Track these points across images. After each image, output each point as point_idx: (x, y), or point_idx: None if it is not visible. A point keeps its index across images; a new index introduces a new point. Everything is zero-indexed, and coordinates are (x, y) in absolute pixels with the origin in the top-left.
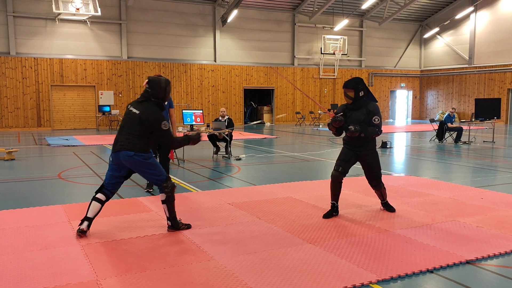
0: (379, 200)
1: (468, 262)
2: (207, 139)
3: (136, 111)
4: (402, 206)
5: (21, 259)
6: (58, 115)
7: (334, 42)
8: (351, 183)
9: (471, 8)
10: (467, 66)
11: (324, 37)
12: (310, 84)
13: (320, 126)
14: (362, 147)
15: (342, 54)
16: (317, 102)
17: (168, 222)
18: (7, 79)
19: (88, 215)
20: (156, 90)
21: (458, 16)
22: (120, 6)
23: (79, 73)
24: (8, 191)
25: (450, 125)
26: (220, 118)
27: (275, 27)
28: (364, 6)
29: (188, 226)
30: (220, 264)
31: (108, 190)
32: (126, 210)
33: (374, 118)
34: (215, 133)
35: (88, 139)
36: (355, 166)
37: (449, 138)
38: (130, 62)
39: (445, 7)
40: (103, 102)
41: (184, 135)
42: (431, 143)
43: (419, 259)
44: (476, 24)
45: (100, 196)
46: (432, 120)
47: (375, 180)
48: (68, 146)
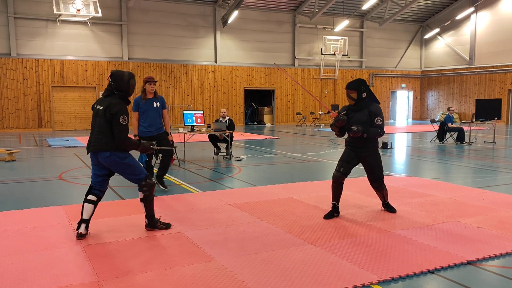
0: (379, 201)
1: (469, 263)
2: (207, 139)
3: (101, 107)
4: (403, 206)
5: (22, 260)
6: (59, 116)
7: (334, 43)
8: (352, 184)
9: (472, 9)
10: (467, 66)
11: (324, 38)
12: (311, 85)
13: (321, 126)
14: (364, 148)
15: (343, 55)
16: (319, 101)
17: (145, 221)
18: (8, 80)
19: (84, 217)
20: (119, 83)
21: (459, 17)
22: (121, 7)
23: (80, 74)
24: (9, 192)
25: (450, 125)
26: (220, 119)
27: (276, 28)
28: (365, 7)
29: (167, 226)
30: (221, 265)
31: (97, 190)
32: (127, 211)
33: (376, 119)
34: (216, 133)
35: None
36: (356, 167)
37: (449, 138)
38: (130, 63)
39: (445, 7)
40: None
41: (137, 140)
42: (431, 144)
43: (420, 259)
44: (477, 25)
45: (91, 197)
46: (432, 121)
47: (377, 182)
48: (69, 147)
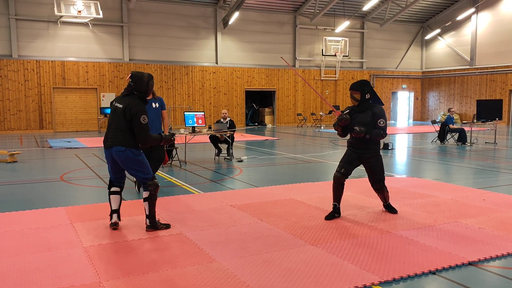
0: (380, 202)
1: (471, 264)
2: (208, 140)
3: (120, 106)
4: (404, 207)
5: (24, 261)
6: (60, 117)
7: (335, 43)
8: (353, 185)
9: (473, 9)
10: (468, 67)
11: (325, 38)
12: (312, 86)
13: (322, 127)
14: (366, 149)
15: (344, 56)
16: (323, 98)
17: (146, 221)
18: (10, 82)
19: (113, 208)
20: (139, 84)
21: (460, 18)
22: (122, 9)
23: (81, 75)
24: (11, 193)
25: (451, 126)
26: (221, 120)
27: (277, 29)
28: (366, 8)
29: (167, 226)
30: (222, 266)
31: (117, 182)
32: (128, 212)
33: (379, 120)
34: (217, 134)
35: (90, 141)
36: (357, 167)
37: (450, 139)
38: (132, 65)
39: (446, 8)
40: (105, 104)
41: (159, 134)
42: (432, 145)
43: (421, 260)
44: (478, 25)
45: (114, 189)
46: (433, 122)
47: (378, 184)
48: (70, 148)
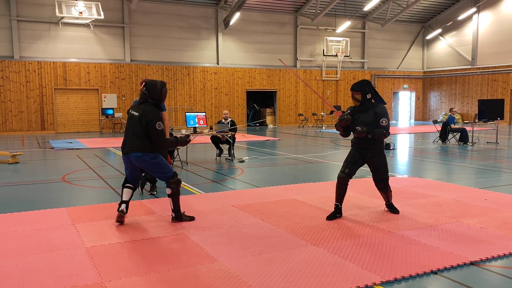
0: (383, 202)
1: (472, 263)
2: (210, 141)
3: (136, 113)
4: (406, 207)
5: (26, 262)
6: (62, 118)
7: (336, 44)
8: (355, 185)
9: (474, 9)
10: (470, 67)
11: (326, 39)
12: (313, 86)
13: (323, 128)
14: (370, 149)
15: (345, 56)
16: (323, 99)
17: (172, 214)
18: (11, 83)
19: (124, 199)
20: (152, 92)
21: (461, 17)
22: (123, 10)
23: (82, 76)
24: (13, 194)
25: (453, 126)
26: (223, 121)
27: (278, 29)
28: (367, 8)
29: (191, 218)
30: (224, 266)
31: (132, 181)
32: (130, 212)
33: (381, 120)
34: (218, 135)
35: (92, 142)
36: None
37: (452, 139)
38: (133, 65)
39: (447, 8)
40: (106, 105)
41: (174, 137)
42: (434, 145)
43: (423, 260)
44: (479, 25)
45: (128, 185)
46: (435, 122)
47: (382, 183)
48: (72, 149)
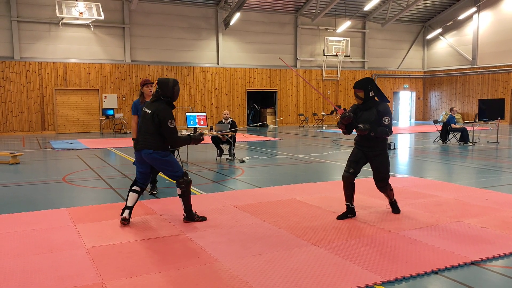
0: (384, 202)
1: (473, 263)
2: (210, 141)
3: (149, 111)
4: (407, 207)
5: (26, 262)
6: (62, 119)
7: (336, 44)
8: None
9: (474, 9)
10: (470, 66)
11: (326, 39)
12: (313, 86)
13: (324, 128)
14: (372, 147)
15: (345, 56)
16: (327, 98)
17: (184, 214)
18: (12, 84)
19: (128, 204)
20: (165, 90)
21: (461, 17)
22: (123, 10)
23: (82, 77)
24: (13, 195)
25: (453, 125)
26: (223, 121)
27: (278, 30)
28: (367, 8)
29: (203, 219)
30: (224, 266)
31: (141, 183)
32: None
33: (384, 118)
34: (219, 135)
35: (92, 143)
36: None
37: (453, 139)
38: (133, 66)
39: (448, 8)
40: (106, 106)
41: (187, 135)
42: (435, 144)
43: (424, 260)
44: (479, 25)
45: (135, 188)
46: (435, 121)
47: (382, 182)
48: (72, 149)
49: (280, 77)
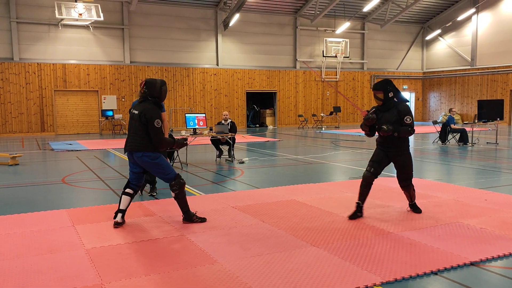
0: (382, 203)
1: (472, 264)
2: (209, 142)
3: (136, 112)
4: (406, 208)
5: (26, 264)
6: (62, 120)
7: (336, 45)
8: (354, 186)
9: (473, 10)
10: (469, 67)
11: (326, 40)
12: (313, 87)
13: (323, 128)
14: (395, 148)
15: (344, 57)
16: (350, 101)
17: (182, 215)
18: (11, 85)
19: (121, 207)
20: (152, 90)
21: (460, 18)
22: (123, 11)
23: (82, 78)
24: (13, 196)
25: (453, 126)
26: (222, 122)
27: (277, 31)
28: (366, 9)
29: (202, 220)
30: (224, 267)
31: (134, 185)
32: (130, 214)
33: (406, 118)
34: (218, 136)
35: (92, 144)
36: (358, 168)
37: (452, 139)
38: (132, 67)
39: (447, 9)
40: (106, 107)
41: (171, 137)
42: (434, 145)
43: (423, 261)
44: (478, 26)
45: (128, 190)
46: (435, 122)
47: (406, 181)
48: (72, 150)
49: (279, 78)
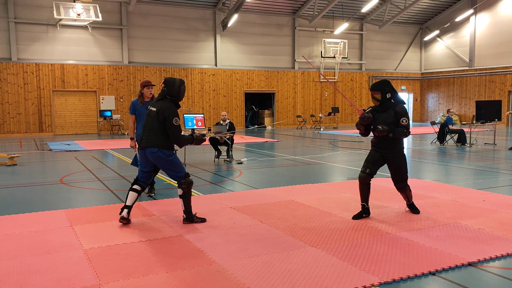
0: (380, 203)
1: (470, 264)
2: (208, 142)
3: (154, 109)
4: (404, 208)
5: (24, 264)
6: (60, 120)
7: (334, 45)
8: (353, 187)
9: (471, 11)
10: (467, 68)
11: (324, 40)
12: (311, 88)
13: (321, 129)
14: (390, 149)
15: (343, 58)
16: (349, 100)
17: (183, 215)
18: (9, 85)
19: (127, 203)
20: (171, 89)
21: (458, 19)
22: (121, 12)
23: (80, 78)
24: (11, 196)
25: (451, 127)
26: (221, 122)
27: (276, 31)
28: (364, 10)
29: (202, 220)
30: (222, 268)
31: (142, 182)
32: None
33: (402, 119)
34: (217, 136)
35: (90, 144)
36: (357, 168)
37: (450, 140)
38: (131, 67)
39: (445, 9)
40: (104, 107)
41: (190, 135)
42: (432, 146)
43: (421, 261)
44: (476, 27)
45: (136, 187)
46: (433, 123)
47: (401, 183)
48: (70, 151)
49: (278, 78)
